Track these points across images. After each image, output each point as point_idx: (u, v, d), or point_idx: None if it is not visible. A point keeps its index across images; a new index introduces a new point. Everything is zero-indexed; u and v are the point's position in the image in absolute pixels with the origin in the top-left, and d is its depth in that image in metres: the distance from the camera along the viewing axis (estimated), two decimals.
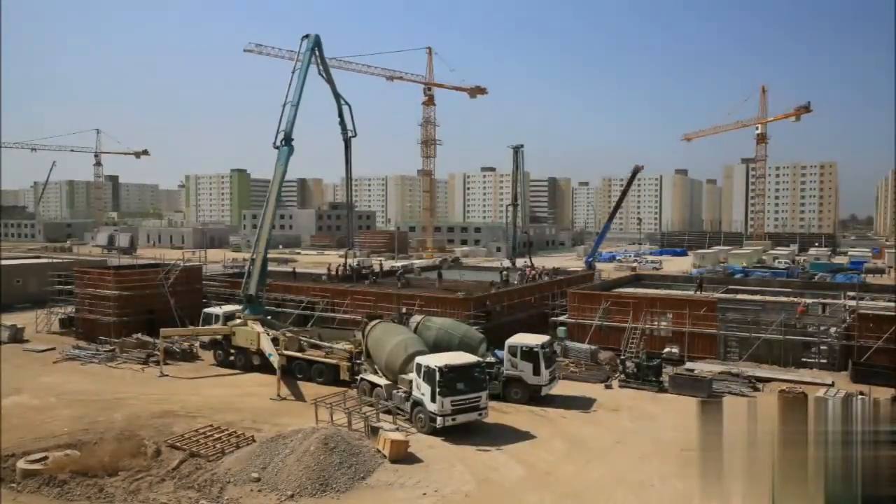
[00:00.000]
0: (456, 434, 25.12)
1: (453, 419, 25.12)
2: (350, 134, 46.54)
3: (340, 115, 46.11)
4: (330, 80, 44.18)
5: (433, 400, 25.06)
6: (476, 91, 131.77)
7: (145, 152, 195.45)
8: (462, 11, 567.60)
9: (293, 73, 40.41)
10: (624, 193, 74.69)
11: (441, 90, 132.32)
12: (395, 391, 27.71)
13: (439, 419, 25.01)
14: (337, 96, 45.41)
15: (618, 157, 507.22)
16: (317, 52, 41.95)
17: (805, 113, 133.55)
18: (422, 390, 25.69)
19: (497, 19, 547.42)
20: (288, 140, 39.92)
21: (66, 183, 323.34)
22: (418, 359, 26.58)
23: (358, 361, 32.05)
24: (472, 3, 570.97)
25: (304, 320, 42.94)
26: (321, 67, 42.95)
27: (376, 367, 30.01)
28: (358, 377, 30.76)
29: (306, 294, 45.54)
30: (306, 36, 41.51)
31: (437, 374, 25.00)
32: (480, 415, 25.87)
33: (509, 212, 67.98)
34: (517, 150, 68.63)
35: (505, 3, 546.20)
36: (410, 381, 26.79)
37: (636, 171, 71.50)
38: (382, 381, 28.85)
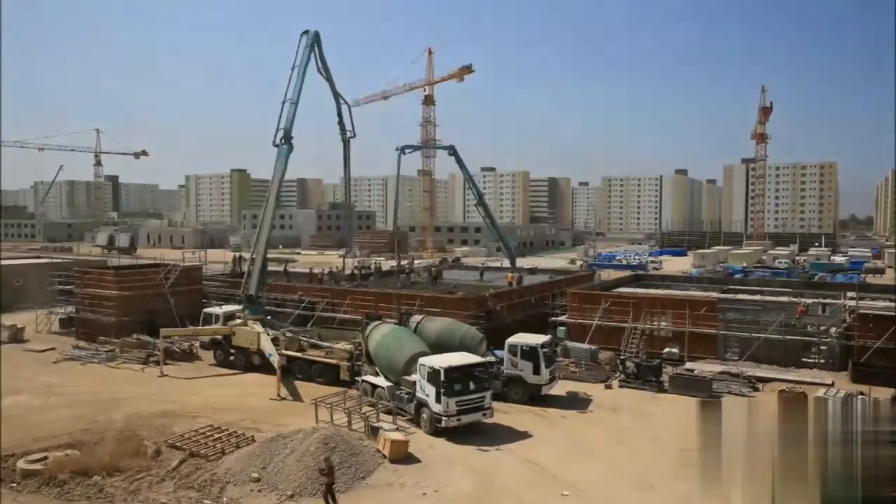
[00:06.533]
0: (456, 434, 25.10)
1: (458, 420, 25.01)
2: (349, 135, 45.91)
3: (339, 114, 45.61)
4: (329, 79, 43.79)
5: (438, 401, 24.95)
6: (464, 72, 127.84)
7: (144, 153, 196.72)
8: (461, 10, 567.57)
9: (293, 69, 40.64)
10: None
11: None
12: (397, 392, 27.67)
13: (444, 419, 24.91)
14: (336, 95, 45.09)
15: (618, 158, 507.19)
16: (316, 50, 41.77)
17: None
18: (426, 391, 25.54)
19: (497, 19, 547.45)
20: (288, 138, 40.03)
21: (66, 183, 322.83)
22: (422, 360, 26.36)
23: (358, 363, 31.96)
24: (472, 2, 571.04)
25: (305, 320, 42.95)
26: (320, 65, 42.71)
27: (377, 368, 29.97)
28: (359, 378, 30.65)
29: (306, 294, 45.55)
30: (305, 32, 41.49)
31: (442, 375, 24.92)
32: (485, 415, 25.79)
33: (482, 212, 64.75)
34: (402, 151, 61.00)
35: (505, 3, 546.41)
36: (414, 382, 26.65)
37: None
38: (384, 383, 28.83)
